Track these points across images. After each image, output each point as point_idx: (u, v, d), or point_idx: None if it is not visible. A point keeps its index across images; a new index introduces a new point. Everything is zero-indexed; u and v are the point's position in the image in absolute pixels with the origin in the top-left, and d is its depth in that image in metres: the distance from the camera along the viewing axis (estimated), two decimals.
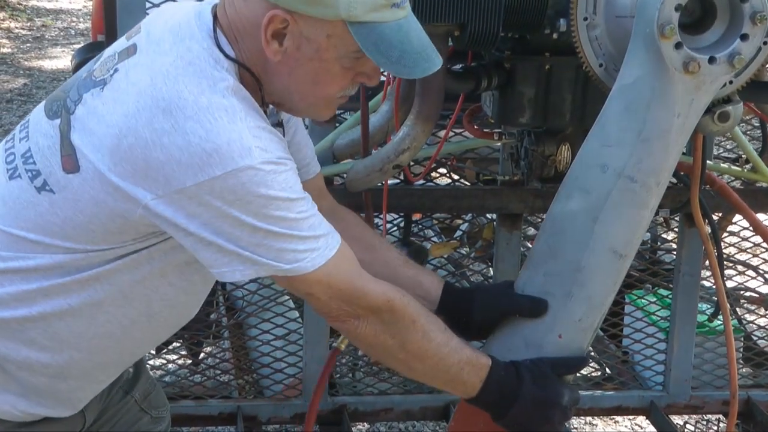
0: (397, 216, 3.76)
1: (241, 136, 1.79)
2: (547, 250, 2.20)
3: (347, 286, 1.95)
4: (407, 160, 2.69)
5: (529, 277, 2.23)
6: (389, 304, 1.98)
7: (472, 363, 2.07)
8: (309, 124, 3.18)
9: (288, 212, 1.84)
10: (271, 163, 1.81)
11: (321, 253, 1.89)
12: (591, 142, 2.16)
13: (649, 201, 2.13)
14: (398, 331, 2.00)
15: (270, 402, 3.44)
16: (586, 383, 3.75)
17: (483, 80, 2.66)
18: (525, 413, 2.10)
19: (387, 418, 3.64)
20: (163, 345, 3.71)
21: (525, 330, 2.21)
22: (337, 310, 1.97)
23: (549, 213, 2.22)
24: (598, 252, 2.14)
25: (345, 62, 1.87)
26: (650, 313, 3.73)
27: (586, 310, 2.17)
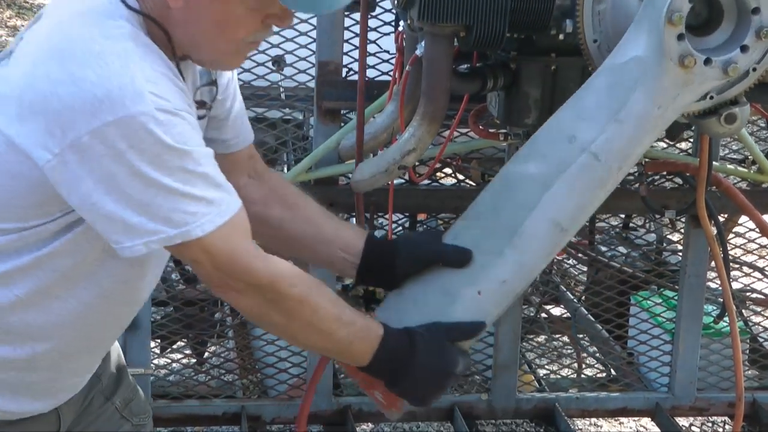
0: (402, 216, 3.76)
1: (134, 80, 1.72)
2: (491, 206, 2.16)
3: (231, 260, 1.87)
4: (413, 161, 2.69)
5: (465, 228, 2.19)
6: (274, 285, 1.91)
7: (363, 335, 2.02)
8: (315, 122, 3.18)
9: (182, 163, 1.77)
10: (167, 112, 1.75)
11: (211, 219, 1.81)
12: (565, 111, 2.13)
13: (607, 182, 2.10)
14: (284, 309, 1.94)
15: (274, 402, 3.44)
16: (591, 384, 3.75)
17: (489, 81, 2.65)
18: (417, 382, 2.06)
19: (391, 419, 3.64)
20: (167, 344, 3.72)
21: (445, 277, 2.16)
22: (218, 280, 1.89)
23: (503, 170, 2.18)
24: (541, 220, 2.09)
25: (251, 2, 1.82)
26: (656, 314, 3.72)
27: (513, 273, 2.12)
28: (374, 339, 2.03)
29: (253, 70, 3.27)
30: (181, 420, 3.41)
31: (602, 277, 3.94)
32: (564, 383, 3.91)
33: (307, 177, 3.15)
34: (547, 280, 4.12)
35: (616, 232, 4.16)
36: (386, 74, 3.20)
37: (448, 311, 2.13)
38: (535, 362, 4.08)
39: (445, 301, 2.14)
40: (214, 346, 3.89)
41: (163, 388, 3.43)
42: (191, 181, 1.79)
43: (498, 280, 2.12)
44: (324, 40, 3.10)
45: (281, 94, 3.51)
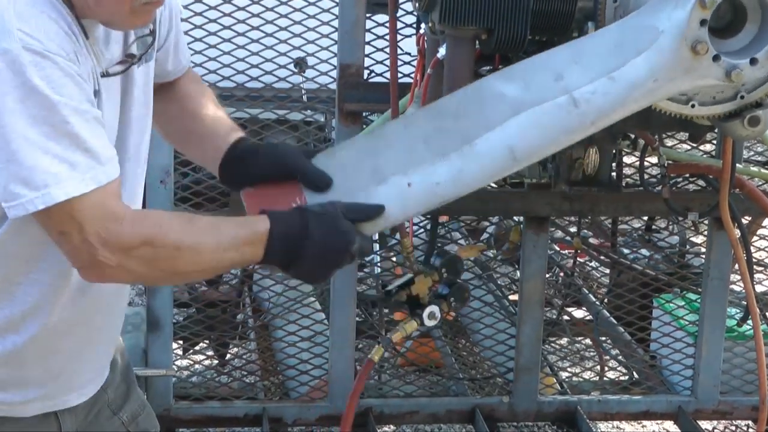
0: (423, 218, 3.76)
1: (3, 15, 1.63)
2: (455, 109, 2.12)
3: (103, 227, 1.75)
4: None
5: (420, 119, 2.16)
6: (147, 244, 1.81)
7: (250, 241, 1.94)
8: (336, 124, 3.18)
9: (46, 113, 1.65)
10: (35, 53, 1.64)
11: (74, 184, 1.70)
12: (563, 50, 2.11)
13: (574, 131, 2.07)
14: (164, 261, 1.85)
15: (295, 404, 3.44)
16: (613, 387, 3.73)
17: None
18: (310, 262, 1.97)
19: (412, 421, 3.64)
20: (189, 346, 3.74)
21: (381, 157, 2.11)
22: (88, 256, 1.77)
23: (481, 81, 2.15)
24: (497, 141, 2.06)
25: None
26: (679, 317, 3.71)
27: (449, 180, 2.07)
28: (262, 236, 1.94)
29: (274, 72, 3.28)
30: (202, 421, 3.42)
31: (625, 279, 3.92)
32: (586, 386, 3.90)
33: None
34: (570, 282, 4.12)
35: (639, 234, 4.14)
36: (408, 76, 3.20)
37: (371, 190, 2.08)
38: (557, 365, 4.08)
39: (372, 180, 2.08)
40: (236, 348, 3.90)
41: (185, 389, 3.44)
42: (56, 137, 1.68)
43: (432, 181, 2.07)
44: (345, 42, 3.10)
45: (303, 96, 3.51)
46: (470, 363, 3.95)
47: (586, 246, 3.94)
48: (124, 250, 1.78)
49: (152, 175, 3.05)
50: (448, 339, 4.00)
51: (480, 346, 3.80)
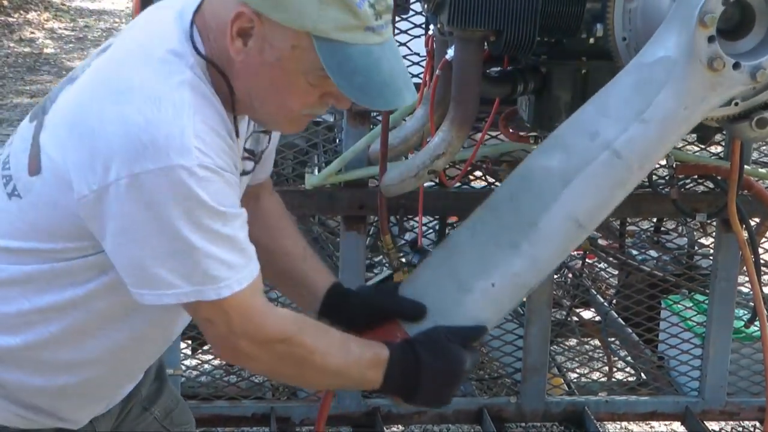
0: (432, 219, 3.77)
1: (183, 132, 1.70)
2: (509, 198, 2.15)
3: (249, 321, 1.85)
4: (443, 165, 2.69)
5: (482, 219, 2.18)
6: (285, 341, 1.91)
7: (373, 364, 2.01)
8: (345, 125, 3.19)
9: (213, 222, 1.75)
10: (208, 170, 1.72)
11: (229, 284, 1.79)
12: (589, 107, 2.12)
13: (627, 181, 2.08)
14: (294, 363, 1.93)
15: (303, 403, 3.45)
16: (621, 388, 3.74)
17: (519, 84, 2.65)
18: (431, 390, 2.06)
19: (420, 421, 3.64)
20: (198, 345, 3.74)
21: (460, 267, 2.15)
22: (232, 344, 1.87)
23: (523, 163, 2.17)
24: (559, 215, 2.08)
25: (311, 78, 1.77)
26: (686, 318, 3.71)
27: (527, 267, 2.11)
28: (383, 362, 2.03)
29: None
30: (210, 421, 3.43)
31: (633, 280, 3.92)
32: (594, 386, 3.91)
33: (337, 179, 3.16)
34: (578, 283, 4.12)
35: (647, 235, 4.14)
36: (416, 77, 3.21)
37: (461, 302, 2.12)
38: (564, 365, 4.08)
39: (458, 292, 2.13)
40: None
41: (192, 389, 3.45)
42: (217, 241, 1.77)
43: (512, 273, 2.11)
44: None
45: None
46: (478, 363, 3.95)
47: (594, 247, 3.94)
48: (263, 343, 1.89)
49: None
50: None
51: (488, 347, 3.80)
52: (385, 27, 1.76)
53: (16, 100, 9.34)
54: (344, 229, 3.24)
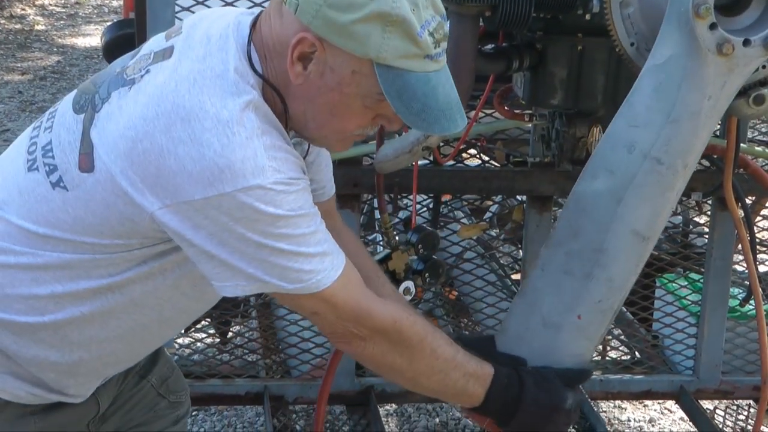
0: (426, 197, 3.75)
1: (256, 154, 1.76)
2: (569, 230, 2.18)
3: (354, 307, 1.91)
4: (437, 141, 2.68)
5: (550, 256, 2.21)
6: (396, 325, 1.95)
7: (477, 375, 2.06)
8: None
9: (295, 229, 1.81)
10: (283, 184, 1.78)
11: (327, 273, 1.86)
12: (619, 121, 2.13)
13: (675, 183, 2.10)
14: (405, 350, 1.98)
15: (297, 382, 3.44)
16: (615, 367, 3.73)
17: (514, 61, 2.64)
18: (529, 418, 2.10)
19: (414, 400, 3.64)
20: (191, 324, 3.73)
21: (543, 309, 2.19)
22: (342, 330, 1.94)
23: (573, 192, 2.20)
24: (620, 234, 2.11)
25: (367, 101, 1.83)
26: (681, 297, 3.70)
27: (607, 291, 2.15)
28: (487, 377, 2.07)
29: None
30: (204, 399, 3.42)
31: None
32: None
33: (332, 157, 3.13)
34: None
35: None
36: None
37: (555, 342, 2.18)
38: None
39: (549, 334, 2.17)
40: (238, 326, 3.89)
41: (186, 367, 3.43)
42: (304, 241, 1.83)
43: (593, 302, 2.15)
44: None
45: None
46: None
47: None
48: (373, 329, 1.95)
49: None
50: (450, 318, 3.99)
51: (482, 326, 3.79)
52: (442, 54, 1.83)
53: (7, 77, 9.30)
54: (338, 207, 3.21)
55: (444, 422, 4.35)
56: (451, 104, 1.84)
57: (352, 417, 3.49)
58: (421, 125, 1.83)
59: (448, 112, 1.83)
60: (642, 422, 4.45)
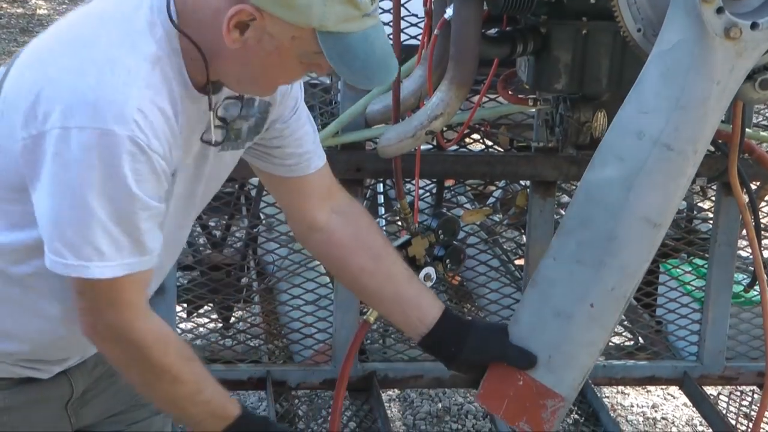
0: (429, 182, 3.74)
1: (127, 102, 1.71)
2: (580, 218, 2.17)
3: (118, 313, 1.85)
4: (440, 126, 2.66)
5: (561, 245, 2.20)
6: (144, 349, 1.89)
7: (217, 415, 2.01)
8: (342, 87, 3.16)
9: (122, 201, 1.75)
10: (138, 146, 1.72)
11: (113, 268, 1.79)
12: (627, 108, 2.12)
13: (685, 169, 2.09)
14: (146, 372, 1.92)
15: (299, 367, 3.44)
16: (618, 352, 3.72)
17: (518, 45, 2.62)
18: None
19: (417, 385, 3.64)
20: (193, 309, 3.72)
21: (556, 299, 2.18)
22: (93, 321, 1.87)
23: (583, 180, 2.18)
24: (631, 221, 2.10)
25: (304, 59, 1.81)
26: (685, 282, 3.69)
27: (619, 279, 2.14)
28: (227, 419, 2.01)
29: None
30: None
31: None
32: None
33: (334, 142, 3.13)
34: None
35: None
36: (414, 38, 3.17)
37: (568, 331, 2.16)
38: None
39: (562, 323, 2.16)
40: (240, 311, 3.89)
41: None
42: (120, 222, 1.77)
43: (605, 290, 2.13)
44: None
45: None
46: None
47: None
48: (121, 339, 1.88)
49: None
50: (454, 303, 3.99)
51: (485, 311, 3.78)
52: (377, 9, 1.81)
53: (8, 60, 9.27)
54: None
55: (447, 407, 4.35)
56: (387, 55, 1.82)
57: (355, 402, 3.49)
58: (362, 82, 1.84)
59: (384, 63, 1.81)
60: (645, 408, 4.45)
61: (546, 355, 2.18)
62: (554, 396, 2.18)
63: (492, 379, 2.24)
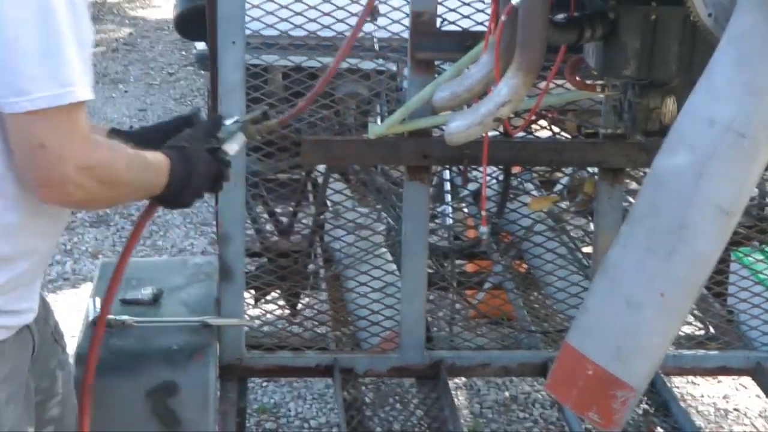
0: (496, 169, 3.72)
1: None
2: (650, 206, 2.14)
3: (78, 143, 1.90)
4: (508, 112, 2.64)
5: (631, 233, 2.17)
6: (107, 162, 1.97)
7: (160, 174, 2.15)
8: (408, 74, 3.15)
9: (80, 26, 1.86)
10: None
11: (78, 90, 1.86)
12: (698, 94, 2.08)
13: (758, 156, 2.05)
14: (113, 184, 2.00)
15: (366, 355, 3.44)
16: (689, 342, 3.68)
17: (586, 31, 2.59)
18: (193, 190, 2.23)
19: (484, 374, 3.62)
20: (261, 296, 3.75)
21: (625, 287, 2.15)
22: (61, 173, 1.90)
23: (652, 168, 2.15)
24: (703, 209, 2.06)
25: None
26: (757, 271, 3.64)
27: (690, 269, 2.11)
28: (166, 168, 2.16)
29: (347, 21, 3.24)
30: (274, 371, 3.44)
31: None
32: None
33: (401, 129, 3.12)
34: None
35: None
36: (481, 24, 3.15)
37: (637, 321, 2.13)
38: None
39: (632, 312, 2.13)
40: (308, 298, 3.90)
41: (256, 339, 3.45)
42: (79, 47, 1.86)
43: (676, 279, 2.10)
44: None
45: (375, 44, 3.48)
46: (543, 316, 3.92)
47: None
48: (88, 168, 1.92)
49: None
50: (521, 291, 3.97)
51: (553, 299, 3.76)
52: None
53: None
54: (408, 179, 3.20)
55: (514, 396, 4.33)
56: None
57: (422, 390, 3.48)
58: None
59: None
60: (716, 398, 4.40)
61: (616, 345, 2.15)
62: (624, 386, 2.16)
63: (561, 368, 2.22)
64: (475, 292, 4.13)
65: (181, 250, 5.77)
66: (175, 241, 5.89)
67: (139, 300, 3.09)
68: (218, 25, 2.97)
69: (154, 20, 10.74)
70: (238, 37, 2.95)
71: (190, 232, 6.00)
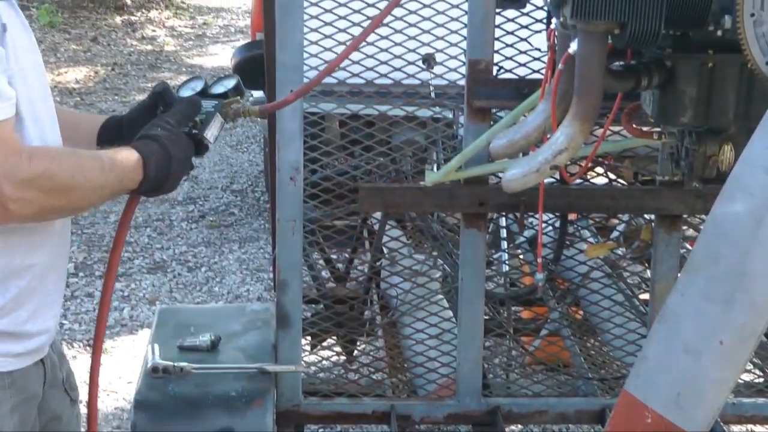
0: (552, 216, 3.72)
1: None
2: (708, 254, 2.13)
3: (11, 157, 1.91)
4: (564, 160, 2.65)
5: (689, 281, 2.17)
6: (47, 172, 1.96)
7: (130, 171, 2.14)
8: (465, 121, 3.16)
9: None
10: None
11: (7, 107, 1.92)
12: (756, 142, 2.08)
13: None
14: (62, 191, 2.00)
15: (423, 401, 3.43)
16: (748, 390, 3.64)
17: (643, 79, 2.60)
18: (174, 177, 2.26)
19: (541, 421, 3.60)
20: (318, 342, 3.76)
21: (684, 335, 2.14)
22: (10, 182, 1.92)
23: (710, 215, 2.15)
24: (762, 257, 2.05)
25: None
26: None
27: (749, 316, 2.09)
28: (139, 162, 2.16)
29: (403, 69, 3.27)
30: (331, 417, 3.44)
31: None
32: None
33: (457, 176, 3.13)
34: None
35: None
36: (537, 72, 3.17)
37: (697, 368, 2.13)
38: None
39: (691, 360, 2.13)
40: (364, 345, 3.91)
41: (313, 385, 3.47)
42: None
43: (735, 327, 2.09)
44: (475, 38, 3.07)
45: (431, 92, 3.50)
46: (600, 363, 3.90)
47: None
48: (27, 182, 1.93)
49: (282, 171, 3.08)
50: (577, 338, 3.95)
51: (610, 346, 3.74)
52: None
53: (138, 97, 9.52)
54: (464, 227, 3.21)
55: None
56: None
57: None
58: None
59: None
60: None
61: (675, 392, 2.14)
62: None
63: (619, 416, 2.21)
64: (531, 339, 4.12)
65: (237, 296, 5.82)
66: (231, 287, 5.94)
67: (197, 346, 3.11)
68: (277, 74, 3.01)
69: (211, 68, 10.88)
70: (296, 86, 2.99)
71: (246, 278, 6.05)
